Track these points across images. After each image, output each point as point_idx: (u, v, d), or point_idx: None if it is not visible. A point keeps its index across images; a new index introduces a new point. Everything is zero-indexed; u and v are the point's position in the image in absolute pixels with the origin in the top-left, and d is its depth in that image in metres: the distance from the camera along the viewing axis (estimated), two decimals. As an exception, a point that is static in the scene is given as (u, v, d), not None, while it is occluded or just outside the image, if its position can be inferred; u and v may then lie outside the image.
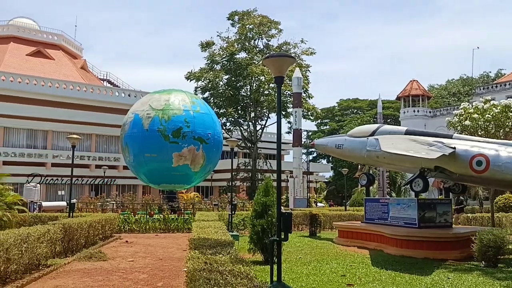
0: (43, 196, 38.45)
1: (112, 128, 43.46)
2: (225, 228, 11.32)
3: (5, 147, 40.46)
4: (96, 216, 17.28)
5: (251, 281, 4.45)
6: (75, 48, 56.58)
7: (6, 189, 16.69)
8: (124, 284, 9.06)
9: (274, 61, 7.47)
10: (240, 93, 46.95)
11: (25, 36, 49.97)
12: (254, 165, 47.18)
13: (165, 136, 10.30)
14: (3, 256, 8.30)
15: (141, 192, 45.49)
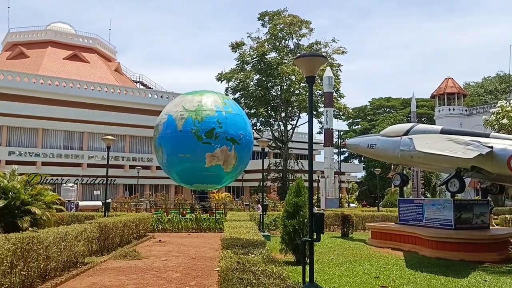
0: (79, 196, 39.56)
1: (145, 129, 44.30)
2: (256, 228, 11.36)
3: (43, 148, 41.85)
4: (131, 216, 17.62)
5: (284, 282, 4.45)
6: (109, 51, 57.95)
7: (45, 189, 17.24)
8: (158, 282, 9.21)
9: (306, 60, 7.43)
10: (270, 93, 46.96)
11: (62, 41, 51.54)
12: (285, 166, 47.08)
13: (198, 136, 10.38)
14: (43, 254, 8.58)
15: (174, 192, 46.14)
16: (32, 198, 16.27)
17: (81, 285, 8.87)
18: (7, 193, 15.84)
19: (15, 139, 41.23)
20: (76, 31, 55.01)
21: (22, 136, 41.60)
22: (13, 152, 39.79)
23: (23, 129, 41.50)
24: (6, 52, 51.07)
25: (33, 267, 8.19)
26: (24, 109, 40.19)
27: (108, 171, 18.30)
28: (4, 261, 7.08)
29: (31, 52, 49.33)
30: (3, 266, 7.06)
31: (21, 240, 7.78)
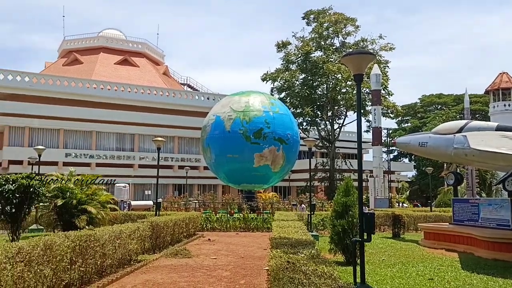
0: (131, 196, 40.92)
1: (193, 131, 45.19)
2: (305, 228, 11.29)
3: (97, 150, 43.61)
4: (181, 215, 17.96)
5: (336, 282, 4.39)
6: (158, 55, 59.53)
7: (100, 189, 17.95)
8: (208, 280, 9.35)
9: (353, 58, 7.32)
10: (316, 92, 46.58)
11: (113, 46, 53.50)
12: (332, 165, 46.54)
13: (246, 137, 10.47)
14: (100, 251, 8.93)
15: (221, 192, 46.75)
16: (87, 197, 17.00)
17: (135, 281, 9.16)
18: (64, 193, 16.63)
19: (71, 141, 43.23)
20: (126, 37, 56.93)
21: (77, 138, 43.55)
22: (69, 154, 41.72)
23: (78, 132, 43.43)
24: (62, 59, 53.62)
25: (90, 264, 8.54)
26: (79, 113, 42.09)
27: (158, 172, 18.78)
28: (64, 258, 7.43)
29: (84, 58, 51.54)
30: (64, 262, 7.41)
31: (79, 237, 8.14)
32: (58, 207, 16.22)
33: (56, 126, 41.97)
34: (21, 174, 15.17)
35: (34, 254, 6.52)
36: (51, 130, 42.20)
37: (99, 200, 17.50)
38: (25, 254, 6.30)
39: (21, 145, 40.29)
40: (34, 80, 41.44)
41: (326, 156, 50.65)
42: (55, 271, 7.16)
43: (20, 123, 40.53)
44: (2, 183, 14.40)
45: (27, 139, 40.78)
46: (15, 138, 40.83)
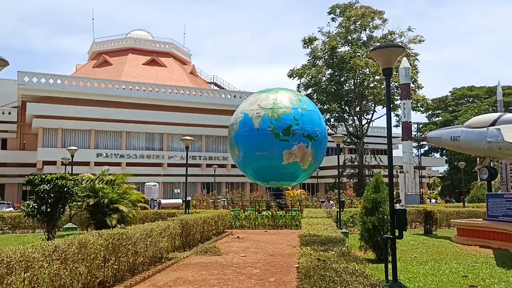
0: (161, 194, 41.53)
1: (220, 129, 45.49)
2: (334, 225, 11.20)
3: (127, 150, 44.44)
4: (210, 213, 18.10)
5: (367, 279, 4.34)
6: (184, 55, 60.12)
7: (130, 188, 18.29)
8: (238, 278, 9.39)
9: (382, 52, 7.19)
10: (343, 88, 46.08)
11: (140, 47, 54.36)
12: (360, 161, 45.99)
13: (275, 134, 10.44)
14: (132, 249, 9.09)
15: (249, 190, 46.89)
16: (119, 196, 17.34)
17: (166, 279, 9.28)
18: (96, 192, 17.02)
19: (102, 142, 44.19)
20: (153, 37, 57.72)
21: (108, 139, 44.48)
22: (100, 154, 42.66)
23: (109, 132, 44.34)
24: (92, 61, 54.82)
25: (123, 261, 8.71)
26: (109, 114, 42.98)
27: (187, 170, 18.98)
28: (98, 256, 7.60)
29: (113, 60, 52.55)
30: (97, 260, 7.58)
31: (112, 236, 8.30)
32: (90, 206, 16.63)
33: (88, 127, 42.97)
34: (55, 174, 15.61)
35: (70, 252, 6.68)
36: (82, 131, 43.25)
37: (130, 199, 17.84)
38: (61, 252, 6.47)
39: (55, 146, 41.45)
40: (66, 83, 42.53)
41: (354, 152, 50.11)
42: (90, 269, 7.33)
43: (53, 125, 41.69)
44: (38, 183, 14.86)
45: (60, 140, 41.91)
46: (49, 139, 42.03)
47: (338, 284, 4.09)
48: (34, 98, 41.90)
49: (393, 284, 6.65)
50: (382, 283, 4.33)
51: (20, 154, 44.82)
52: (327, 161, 37.59)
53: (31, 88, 41.10)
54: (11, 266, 5.28)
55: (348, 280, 4.23)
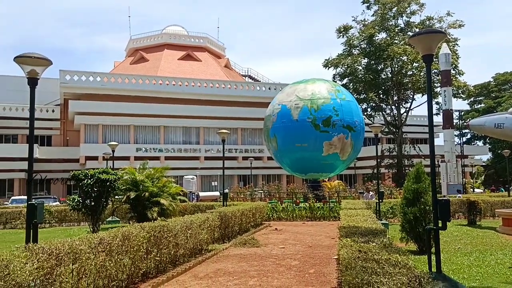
0: (199, 187, 42.11)
1: (255, 121, 45.56)
2: (374, 216, 11.03)
3: (165, 144, 45.27)
4: (247, 205, 18.23)
5: (411, 271, 4.25)
6: (219, 49, 60.42)
7: (170, 182, 18.64)
8: (278, 269, 9.42)
9: (422, 38, 6.97)
10: (380, 76, 45.13)
11: (176, 42, 55.02)
12: (399, 151, 45.02)
13: (315, 125, 10.29)
14: (173, 241, 9.28)
15: (286, 182, 46.84)
16: (159, 190, 17.72)
17: (207, 270, 9.43)
18: (137, 185, 17.44)
19: (141, 137, 45.19)
20: (188, 32, 58.28)
21: (146, 134, 45.44)
22: (140, 149, 43.66)
23: (147, 127, 45.27)
24: (129, 57, 55.98)
25: (165, 253, 8.90)
26: (147, 109, 43.87)
27: (224, 163, 19.13)
28: (141, 248, 7.80)
29: (150, 56, 53.47)
30: (140, 252, 7.78)
31: (154, 228, 8.49)
32: (131, 200, 17.08)
33: (127, 123, 44.02)
34: (98, 169, 16.10)
35: (114, 244, 6.89)
36: (122, 126, 44.35)
37: (169, 192, 18.20)
38: (106, 244, 6.67)
39: (96, 142, 42.72)
40: (105, 80, 43.65)
41: (393, 142, 49.09)
42: (133, 260, 7.53)
43: (94, 121, 42.96)
44: (81, 178, 15.37)
45: (101, 136, 43.15)
46: (90, 135, 43.35)
47: (381, 275, 4.03)
48: (76, 95, 43.28)
49: (438, 275, 6.49)
50: (427, 274, 4.23)
51: (64, 150, 46.51)
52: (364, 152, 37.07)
53: (72, 86, 42.45)
54: (60, 258, 5.49)
55: (391, 272, 4.16)
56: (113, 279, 6.87)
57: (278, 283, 8.09)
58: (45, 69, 7.50)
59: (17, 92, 47.64)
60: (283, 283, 8.08)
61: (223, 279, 8.51)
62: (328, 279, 8.37)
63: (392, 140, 50.05)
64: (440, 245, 7.02)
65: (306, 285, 7.97)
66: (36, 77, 7.43)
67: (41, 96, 42.41)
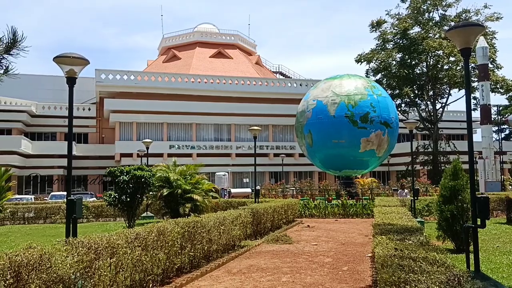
0: (230, 183, 42.41)
1: (286, 118, 45.50)
2: (409, 213, 10.81)
3: (197, 141, 45.81)
4: (279, 202, 18.20)
5: (449, 270, 4.14)
6: (250, 46, 60.55)
7: (202, 178, 18.84)
8: (310, 266, 9.39)
9: (459, 31, 6.78)
10: (415, 71, 44.17)
11: (207, 40, 55.50)
12: (435, 147, 43.98)
13: (353, 121, 10.17)
14: (206, 237, 9.38)
15: (317, 179, 46.56)
16: (191, 186, 17.94)
17: (240, 266, 9.49)
18: (170, 182, 17.71)
19: (173, 134, 45.89)
20: (219, 30, 58.66)
21: (179, 131, 46.10)
22: (172, 146, 44.34)
23: (180, 124, 45.93)
24: (162, 56, 56.85)
25: (198, 249, 9.01)
26: (180, 107, 44.50)
27: (255, 160, 19.18)
28: (175, 243, 7.92)
29: (182, 54, 54.13)
30: (175, 247, 7.91)
31: (188, 224, 8.61)
32: (165, 196, 17.37)
33: (160, 120, 44.78)
34: (133, 166, 16.45)
35: (149, 239, 7.03)
36: (155, 124, 45.14)
37: (202, 188, 18.40)
38: (142, 239, 6.81)
39: (130, 139, 43.66)
40: (138, 78, 44.52)
41: (428, 138, 48.01)
42: (168, 255, 7.66)
43: (128, 119, 43.91)
44: (117, 175, 15.75)
45: (135, 133, 44.07)
46: (125, 132, 44.35)
47: (418, 274, 3.95)
48: (111, 94, 44.33)
49: (476, 274, 6.32)
50: (466, 273, 4.12)
51: (100, 147, 47.77)
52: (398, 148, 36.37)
53: (107, 85, 43.50)
54: (98, 252, 5.64)
55: (429, 271, 4.07)
56: (149, 273, 7.01)
57: (311, 280, 8.06)
58: (82, 69, 7.71)
59: (55, 91, 49.28)
60: (316, 280, 8.05)
61: (256, 275, 8.55)
62: (362, 277, 8.28)
63: (427, 137, 48.95)
64: (478, 244, 6.83)
65: (339, 282, 7.91)
66: (74, 76, 7.65)
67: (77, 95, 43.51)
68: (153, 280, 7.21)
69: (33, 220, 22.58)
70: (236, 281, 8.07)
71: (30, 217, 22.64)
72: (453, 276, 3.98)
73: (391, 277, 4.04)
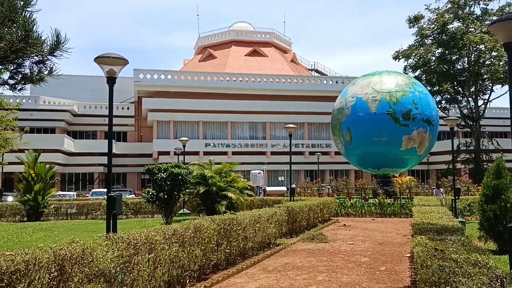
0: (265, 182, 42.49)
1: (322, 116, 45.15)
2: (450, 213, 10.52)
3: (232, 139, 46.13)
4: (315, 200, 18.09)
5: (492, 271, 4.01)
6: (285, 43, 60.40)
7: (238, 176, 18.98)
8: (347, 265, 9.29)
9: (503, 25, 6.50)
10: (455, 67, 42.84)
11: (242, 39, 55.75)
12: (477, 145, 42.53)
13: (395, 119, 9.93)
14: (242, 234, 9.44)
15: (354, 177, 45.97)
16: (227, 184, 18.10)
17: (275, 264, 9.50)
18: (207, 180, 17.93)
19: (209, 132, 46.41)
20: (254, 28, 58.80)
21: (214, 129, 46.58)
22: (208, 144, 44.86)
23: (215, 123, 46.39)
24: (198, 55, 57.57)
25: (234, 246, 9.08)
26: (215, 105, 44.95)
27: (291, 158, 19.13)
28: (212, 240, 8.02)
29: (217, 53, 54.63)
30: (211, 244, 8.00)
31: (224, 221, 8.69)
32: (201, 194, 17.61)
33: (196, 119, 45.39)
34: (170, 164, 16.76)
35: (186, 236, 7.14)
36: (192, 123, 45.78)
37: (237, 186, 18.54)
38: (179, 235, 6.93)
39: (167, 138, 44.48)
40: (175, 77, 45.27)
41: (469, 135, 46.49)
42: (204, 252, 7.76)
43: (165, 118, 44.75)
44: (155, 172, 16.08)
45: (172, 132, 44.86)
46: (162, 131, 45.23)
47: (459, 275, 3.84)
48: (148, 93, 45.28)
49: (521, 278, 6.06)
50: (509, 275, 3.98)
51: (138, 146, 48.94)
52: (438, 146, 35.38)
53: (145, 84, 44.45)
54: (137, 248, 5.78)
55: (470, 272, 3.95)
56: (186, 269, 7.12)
57: (347, 279, 7.98)
58: (122, 68, 7.92)
59: (95, 91, 50.77)
60: (353, 280, 7.96)
61: (292, 273, 8.53)
62: (401, 277, 8.12)
63: (469, 134, 47.42)
64: (523, 245, 6.56)
65: (377, 282, 7.79)
66: (114, 76, 7.87)
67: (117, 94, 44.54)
68: (190, 276, 7.33)
69: (75, 216, 23.38)
70: (271, 279, 8.08)
71: (73, 213, 23.46)
72: (496, 278, 3.85)
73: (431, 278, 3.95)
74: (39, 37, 6.68)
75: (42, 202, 21.78)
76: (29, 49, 6.53)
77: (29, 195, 21.40)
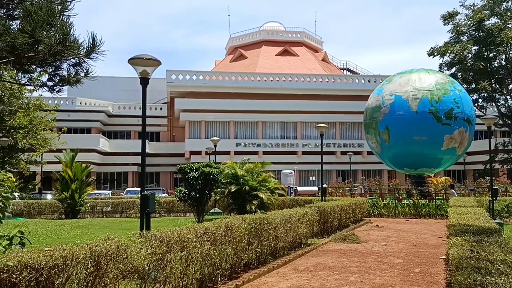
0: (296, 181, 42.34)
1: (354, 115, 44.62)
2: (487, 214, 10.20)
3: (263, 139, 46.20)
4: (347, 200, 17.87)
5: (531, 275, 3.87)
6: (316, 42, 60.02)
7: (269, 176, 19.00)
8: (380, 267, 9.14)
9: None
10: (492, 64, 41.46)
11: (273, 39, 55.76)
12: (516, 145, 41.05)
13: (437, 118, 9.69)
14: (273, 234, 9.44)
15: (387, 177, 45.23)
16: (258, 184, 18.15)
17: (307, 264, 9.46)
18: (238, 179, 18.03)
19: (240, 132, 46.64)
20: (285, 28, 58.71)
21: (245, 129, 46.77)
22: (239, 144, 45.08)
23: (246, 123, 46.57)
24: (229, 55, 57.95)
25: (265, 245, 9.10)
26: (246, 105, 45.13)
27: (322, 158, 18.97)
28: (243, 239, 8.06)
29: (248, 53, 54.83)
30: (242, 243, 8.04)
31: (255, 220, 8.72)
32: (232, 193, 17.72)
33: (227, 119, 45.70)
34: (201, 163, 16.95)
35: (218, 234, 7.20)
36: (223, 123, 46.13)
37: (268, 186, 18.56)
38: (211, 234, 7.00)
39: (199, 137, 44.98)
40: (207, 78, 45.72)
41: (508, 135, 44.93)
42: (236, 251, 7.81)
43: (197, 118, 45.27)
44: (187, 171, 16.30)
45: (204, 132, 45.32)
46: (194, 131, 45.77)
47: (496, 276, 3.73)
48: (181, 94, 45.91)
49: None
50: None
51: (171, 145, 49.71)
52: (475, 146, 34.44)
53: (177, 85, 45.09)
54: (170, 245, 5.88)
55: (507, 273, 3.83)
56: (217, 268, 7.19)
57: (380, 281, 7.86)
58: (155, 69, 8.07)
59: (128, 92, 51.89)
60: (386, 281, 7.83)
61: (323, 274, 8.48)
62: (436, 280, 7.94)
63: (507, 133, 45.84)
64: None
65: (411, 284, 7.64)
66: (147, 77, 8.02)
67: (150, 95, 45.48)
68: (221, 275, 7.39)
69: (110, 214, 23.96)
70: (303, 279, 8.05)
71: (108, 211, 24.06)
72: (536, 282, 3.72)
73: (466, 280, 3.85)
74: (76, 40, 6.88)
75: (78, 200, 22.42)
76: (67, 52, 6.74)
77: (66, 193, 22.07)
